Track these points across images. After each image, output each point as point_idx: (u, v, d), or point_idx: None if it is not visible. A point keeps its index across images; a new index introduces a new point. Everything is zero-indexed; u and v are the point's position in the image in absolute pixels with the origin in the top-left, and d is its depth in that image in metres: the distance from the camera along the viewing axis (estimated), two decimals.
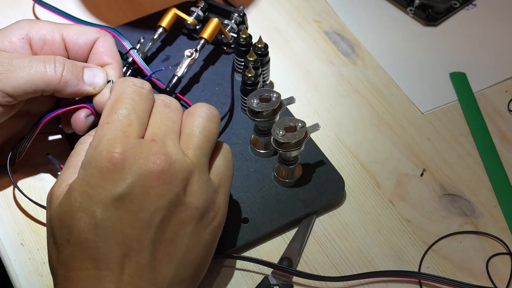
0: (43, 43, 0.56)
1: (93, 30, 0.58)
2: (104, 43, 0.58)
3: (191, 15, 0.68)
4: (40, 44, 0.56)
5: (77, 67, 0.55)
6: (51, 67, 0.53)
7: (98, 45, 0.58)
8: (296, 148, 0.55)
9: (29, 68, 0.53)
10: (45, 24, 0.57)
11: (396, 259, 0.56)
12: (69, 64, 0.54)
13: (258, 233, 0.56)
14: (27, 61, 0.53)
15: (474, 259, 0.56)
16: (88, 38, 0.57)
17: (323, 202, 0.58)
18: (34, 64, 0.53)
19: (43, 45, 0.57)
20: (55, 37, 0.57)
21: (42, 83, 0.53)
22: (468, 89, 0.67)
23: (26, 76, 0.53)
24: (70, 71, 0.54)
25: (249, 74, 0.61)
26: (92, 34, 0.58)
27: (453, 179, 0.61)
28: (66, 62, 0.54)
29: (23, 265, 0.55)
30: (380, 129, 0.65)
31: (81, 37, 0.57)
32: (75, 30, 0.57)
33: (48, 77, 0.53)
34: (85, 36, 0.57)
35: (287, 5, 0.76)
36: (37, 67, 0.53)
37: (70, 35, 0.57)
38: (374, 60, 0.70)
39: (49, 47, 0.57)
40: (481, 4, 0.76)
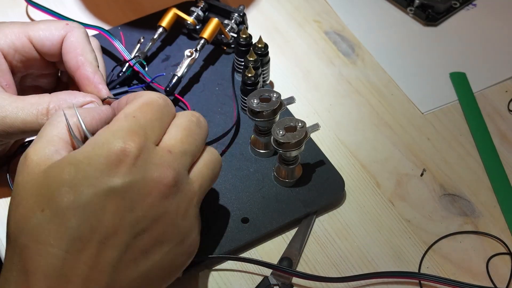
0: (14, 51, 0.56)
1: (58, 28, 0.56)
2: (72, 40, 0.56)
3: (191, 15, 0.68)
4: (12, 53, 0.56)
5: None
6: (43, 123, 0.51)
7: (66, 44, 0.56)
8: (296, 148, 0.55)
9: (23, 127, 0.53)
10: (9, 29, 0.56)
11: (396, 259, 0.56)
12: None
13: (258, 233, 0.56)
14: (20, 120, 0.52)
15: (474, 259, 0.56)
16: (54, 38, 0.56)
17: (323, 202, 0.58)
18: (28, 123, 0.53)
19: (14, 53, 0.56)
20: (24, 42, 0.56)
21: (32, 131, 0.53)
22: (468, 89, 0.67)
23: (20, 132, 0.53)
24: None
25: (249, 74, 0.61)
26: (57, 32, 0.56)
27: (453, 179, 0.61)
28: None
29: None
30: (380, 129, 0.65)
31: (46, 39, 0.56)
32: (40, 31, 0.56)
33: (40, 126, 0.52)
34: (50, 38, 0.56)
35: (287, 5, 0.76)
36: (31, 125, 0.53)
37: (36, 37, 0.56)
38: (374, 60, 0.70)
39: (20, 54, 0.56)
40: (481, 4, 0.76)
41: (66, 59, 0.56)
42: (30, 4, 0.70)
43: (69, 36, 0.56)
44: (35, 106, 0.53)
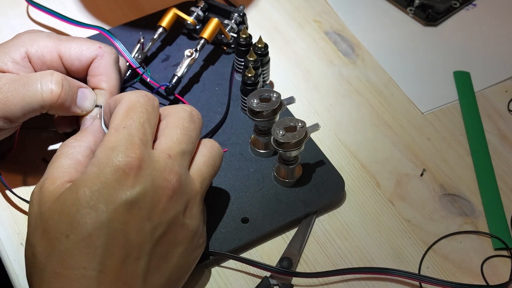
0: (41, 62, 0.56)
1: (90, 49, 0.57)
2: (99, 64, 0.57)
3: (191, 15, 0.68)
4: (39, 63, 0.56)
5: (73, 88, 0.54)
6: (47, 88, 0.53)
7: (94, 66, 0.57)
8: (296, 148, 0.55)
9: (26, 92, 0.53)
10: (44, 41, 0.57)
11: (396, 259, 0.56)
12: (67, 85, 0.54)
13: (258, 233, 0.56)
14: (23, 85, 0.53)
15: (474, 259, 0.56)
16: (84, 59, 0.57)
17: (323, 202, 0.58)
18: (31, 87, 0.53)
19: (41, 64, 0.56)
20: (53, 58, 0.57)
21: (39, 106, 0.53)
22: (470, 88, 0.67)
23: (22, 102, 0.53)
24: (67, 92, 0.54)
25: (249, 74, 0.61)
26: (88, 54, 0.57)
27: (453, 179, 0.61)
28: (64, 82, 0.53)
29: (23, 265, 0.55)
30: (380, 129, 0.65)
31: (76, 59, 0.57)
32: (72, 50, 0.57)
33: (45, 100, 0.53)
34: (80, 58, 0.57)
35: (287, 5, 0.76)
36: (33, 90, 0.53)
37: (66, 55, 0.57)
38: (374, 60, 0.70)
39: (47, 67, 0.57)
40: (481, 4, 0.76)
41: (90, 80, 0.57)
42: (31, 4, 0.70)
43: (98, 60, 0.57)
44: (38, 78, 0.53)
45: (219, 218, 0.57)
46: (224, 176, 0.59)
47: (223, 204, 0.57)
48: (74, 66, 0.57)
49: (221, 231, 0.56)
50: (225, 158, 0.60)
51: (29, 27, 0.72)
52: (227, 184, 0.59)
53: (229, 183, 0.59)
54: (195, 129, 0.51)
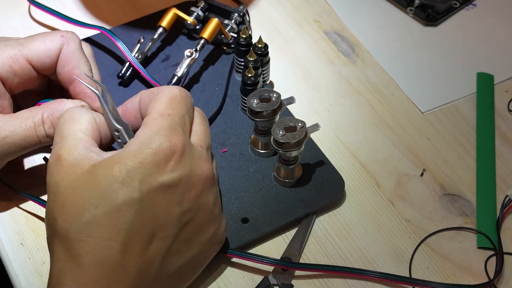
0: (13, 75, 0.55)
1: (54, 40, 0.56)
2: (67, 52, 0.56)
3: (191, 15, 0.68)
4: (11, 77, 0.55)
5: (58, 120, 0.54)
6: (42, 134, 0.53)
7: (62, 56, 0.56)
8: (296, 148, 0.55)
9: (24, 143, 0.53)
10: (6, 52, 0.55)
11: (396, 259, 0.56)
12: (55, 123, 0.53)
13: (258, 233, 0.56)
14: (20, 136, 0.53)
15: (474, 258, 0.56)
16: (51, 53, 0.55)
17: (323, 202, 0.58)
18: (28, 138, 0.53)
19: (13, 77, 0.55)
20: (22, 65, 0.55)
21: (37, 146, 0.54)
22: (491, 91, 0.67)
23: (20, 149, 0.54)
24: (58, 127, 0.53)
25: (249, 74, 0.61)
26: (54, 46, 0.55)
27: (453, 179, 0.61)
28: (54, 123, 0.53)
29: (23, 265, 0.55)
30: (380, 129, 0.65)
31: (44, 55, 0.55)
32: (38, 49, 0.55)
33: (42, 143, 0.54)
34: (48, 53, 0.55)
35: (287, 5, 0.76)
36: (31, 139, 0.53)
37: (34, 56, 0.55)
38: (374, 60, 0.70)
39: (19, 77, 0.55)
40: (481, 4, 0.76)
41: (61, 71, 0.56)
42: (33, 4, 0.70)
43: (64, 49, 0.56)
44: (30, 119, 0.53)
45: None
46: (224, 176, 0.59)
47: (223, 204, 0.57)
48: (45, 64, 0.56)
49: None
50: (225, 158, 0.60)
51: (29, 27, 0.72)
52: (227, 184, 0.59)
53: (229, 183, 0.59)
54: (207, 126, 0.54)
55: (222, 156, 0.61)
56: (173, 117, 0.49)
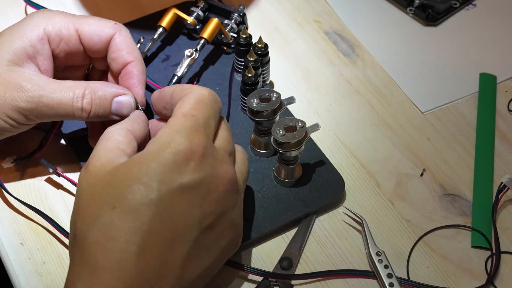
0: (59, 38, 0.56)
1: (108, 25, 0.57)
2: (121, 39, 0.57)
3: (191, 15, 0.68)
4: (57, 40, 0.56)
5: (106, 102, 0.55)
6: (78, 106, 0.54)
7: (116, 42, 0.57)
8: (296, 148, 0.55)
9: (58, 108, 0.53)
10: (60, 17, 0.57)
11: (396, 259, 0.56)
12: (97, 100, 0.54)
13: (258, 233, 0.56)
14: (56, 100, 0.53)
15: (474, 258, 0.56)
16: (103, 35, 0.57)
17: (323, 202, 0.58)
18: (63, 104, 0.53)
19: (59, 40, 0.56)
20: (71, 33, 0.56)
21: (69, 117, 0.55)
22: (493, 92, 0.67)
23: (53, 114, 0.54)
24: (98, 108, 0.54)
25: (249, 74, 0.61)
26: (107, 30, 0.57)
27: (453, 179, 0.61)
28: (93, 100, 0.54)
29: (23, 265, 0.55)
30: (380, 129, 0.65)
31: (96, 34, 0.57)
32: (90, 26, 0.57)
33: (75, 116, 0.54)
34: (99, 33, 0.57)
35: (287, 5, 0.75)
36: (65, 107, 0.53)
37: (85, 31, 0.57)
38: (374, 60, 0.70)
39: (65, 43, 0.57)
40: (481, 4, 0.76)
41: (114, 56, 0.57)
42: (29, 4, 0.70)
43: (117, 36, 0.57)
44: (72, 89, 0.54)
45: None
46: None
47: None
48: (93, 42, 0.57)
49: None
50: None
51: None
52: None
53: None
54: (231, 133, 0.53)
55: None
56: (197, 118, 0.48)
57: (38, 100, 0.53)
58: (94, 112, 0.54)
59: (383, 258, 0.54)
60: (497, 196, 0.57)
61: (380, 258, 0.54)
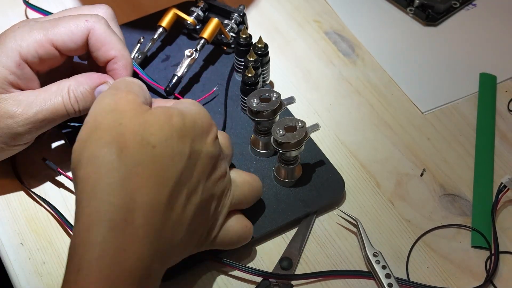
0: (37, 59, 0.56)
1: (79, 26, 0.56)
2: (96, 37, 0.56)
3: (191, 15, 0.68)
4: (35, 60, 0.56)
5: (88, 95, 0.56)
6: (69, 107, 0.55)
7: (92, 42, 0.56)
8: (296, 148, 0.55)
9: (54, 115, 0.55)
10: (31, 37, 0.55)
11: (396, 259, 0.56)
12: (81, 96, 0.56)
13: (258, 233, 0.56)
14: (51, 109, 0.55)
15: (474, 258, 0.56)
16: (76, 38, 0.56)
17: (323, 202, 0.58)
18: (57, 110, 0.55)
19: (38, 59, 0.56)
20: (47, 48, 0.56)
21: (65, 118, 0.56)
22: (493, 92, 0.67)
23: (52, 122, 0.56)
24: (84, 103, 0.56)
25: (249, 74, 0.61)
26: (80, 31, 0.56)
27: (453, 179, 0.61)
28: (77, 97, 0.55)
29: (23, 265, 0.55)
30: (380, 129, 0.65)
31: (69, 40, 0.56)
32: (63, 35, 0.56)
33: (70, 116, 0.56)
34: (72, 38, 0.56)
35: (287, 5, 0.75)
36: (60, 111, 0.55)
37: (59, 40, 0.56)
38: (374, 60, 0.70)
39: (44, 59, 0.56)
40: (481, 4, 0.76)
41: (96, 55, 0.57)
42: (28, 7, 0.71)
43: (92, 34, 0.57)
44: (59, 93, 0.55)
45: None
46: None
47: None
48: (71, 48, 0.56)
49: None
50: None
51: None
52: None
53: None
54: None
55: None
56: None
57: (34, 119, 0.54)
58: (83, 107, 0.56)
59: (381, 259, 0.54)
60: (497, 197, 0.57)
61: (378, 259, 0.54)
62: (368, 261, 0.54)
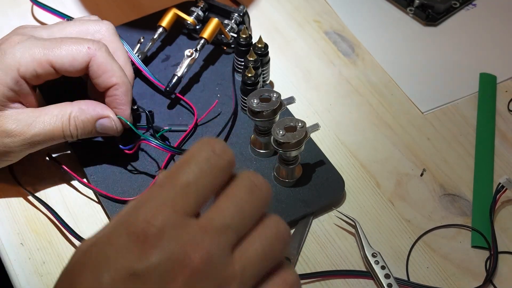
0: (36, 78, 0.56)
1: (81, 53, 0.56)
2: (98, 65, 0.56)
3: (191, 15, 0.68)
4: (34, 77, 0.56)
5: (89, 125, 0.57)
6: (68, 133, 0.56)
7: (93, 69, 0.56)
8: (296, 148, 0.55)
9: (51, 137, 0.56)
10: (30, 54, 0.55)
11: (396, 259, 0.56)
12: (81, 125, 0.56)
13: None
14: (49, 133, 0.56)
15: (474, 258, 0.56)
16: (77, 65, 0.56)
17: (323, 202, 0.58)
18: (55, 134, 0.56)
19: (36, 77, 0.56)
20: (46, 69, 0.56)
21: (58, 140, 0.57)
22: (493, 92, 0.67)
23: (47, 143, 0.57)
24: (83, 131, 0.57)
25: (249, 74, 0.61)
26: (81, 58, 0.56)
27: (453, 179, 0.61)
28: (77, 125, 0.56)
29: (23, 265, 0.55)
30: (380, 129, 0.65)
31: (70, 66, 0.56)
32: (64, 59, 0.56)
33: (66, 139, 0.57)
34: (73, 64, 0.56)
35: (287, 5, 0.75)
36: (58, 135, 0.56)
37: (59, 64, 0.56)
38: (374, 60, 0.70)
39: (43, 77, 0.56)
40: (481, 4, 0.76)
41: (96, 82, 0.57)
42: (35, 4, 0.70)
43: (94, 61, 0.56)
44: (59, 118, 0.56)
45: None
46: None
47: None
48: (69, 72, 0.57)
49: None
50: None
51: None
52: None
53: None
54: (254, 201, 0.39)
55: None
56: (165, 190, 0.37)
57: (31, 140, 0.55)
58: (81, 134, 0.57)
59: (380, 259, 0.54)
60: (495, 197, 0.57)
61: (377, 259, 0.54)
62: (367, 261, 0.54)
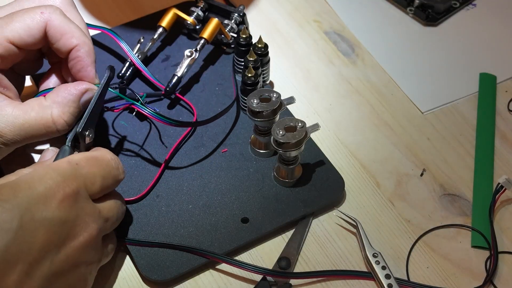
0: (0, 60, 0.54)
1: (35, 19, 0.54)
2: (55, 28, 0.54)
3: (191, 15, 0.68)
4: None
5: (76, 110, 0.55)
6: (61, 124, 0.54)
7: (51, 33, 0.54)
8: (296, 148, 0.55)
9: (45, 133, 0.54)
10: None
11: (396, 259, 0.56)
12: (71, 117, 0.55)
13: (258, 233, 0.56)
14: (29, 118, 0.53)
15: (474, 258, 0.56)
16: (34, 32, 0.54)
17: (323, 202, 0.58)
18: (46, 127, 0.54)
19: (2, 61, 0.54)
20: (5, 46, 0.53)
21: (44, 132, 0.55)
22: (493, 92, 0.67)
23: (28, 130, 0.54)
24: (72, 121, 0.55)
25: (249, 74, 0.61)
26: (37, 25, 0.54)
27: (453, 179, 0.61)
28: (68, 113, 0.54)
29: None
30: (380, 129, 0.65)
31: (26, 35, 0.54)
32: (20, 30, 0.54)
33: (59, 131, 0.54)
34: (30, 33, 0.54)
35: (287, 5, 0.76)
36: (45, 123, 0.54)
37: (15, 37, 0.54)
38: (374, 60, 0.70)
39: (8, 60, 0.54)
40: (481, 4, 0.76)
41: (58, 46, 0.55)
42: None
43: (50, 25, 0.54)
44: (45, 118, 0.53)
45: (219, 218, 0.57)
46: (224, 176, 0.59)
47: (223, 204, 0.57)
48: (29, 43, 0.54)
49: (221, 231, 0.56)
50: (225, 158, 0.60)
51: None
52: (227, 184, 0.59)
53: (229, 183, 0.59)
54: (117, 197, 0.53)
55: (222, 156, 0.61)
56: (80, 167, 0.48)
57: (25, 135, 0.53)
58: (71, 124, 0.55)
59: (380, 260, 0.54)
60: (494, 197, 0.57)
61: (377, 259, 0.54)
62: (368, 262, 0.54)
